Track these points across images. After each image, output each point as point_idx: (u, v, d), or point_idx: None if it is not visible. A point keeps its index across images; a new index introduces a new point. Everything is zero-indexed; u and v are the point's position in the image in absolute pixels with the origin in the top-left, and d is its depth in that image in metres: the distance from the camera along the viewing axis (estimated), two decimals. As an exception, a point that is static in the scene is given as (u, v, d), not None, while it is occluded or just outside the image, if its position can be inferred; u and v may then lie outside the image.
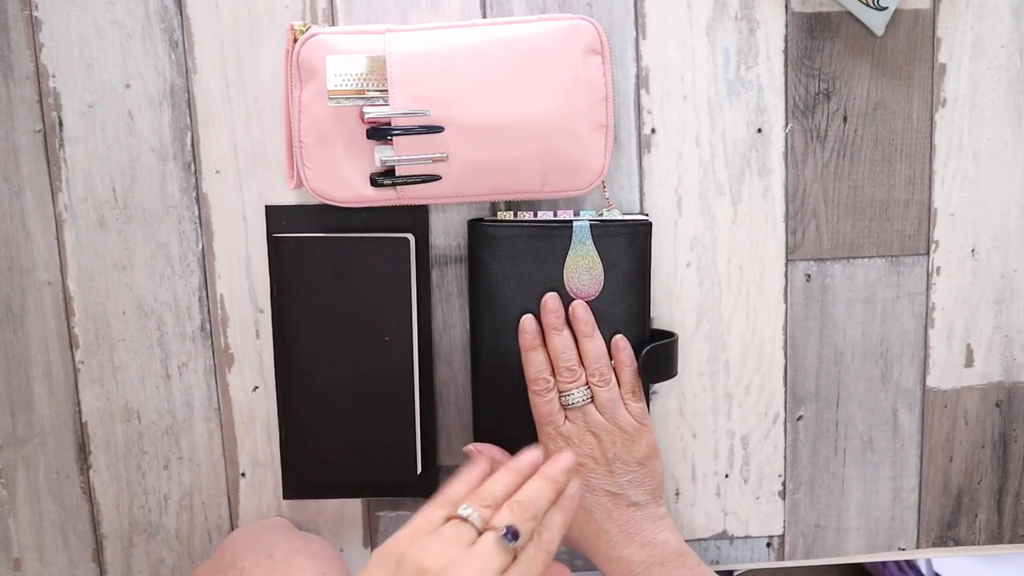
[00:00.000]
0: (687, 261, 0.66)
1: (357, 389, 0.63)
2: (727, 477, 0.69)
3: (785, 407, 0.69)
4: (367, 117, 0.58)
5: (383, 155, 0.59)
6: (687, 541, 0.64)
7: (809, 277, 0.67)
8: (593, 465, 0.60)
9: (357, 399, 0.63)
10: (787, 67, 0.65)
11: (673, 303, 0.67)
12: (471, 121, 0.58)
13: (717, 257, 0.66)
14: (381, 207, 0.62)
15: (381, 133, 0.59)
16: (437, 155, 0.59)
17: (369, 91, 0.58)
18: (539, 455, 0.53)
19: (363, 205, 0.61)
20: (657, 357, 0.62)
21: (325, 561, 0.61)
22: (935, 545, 0.71)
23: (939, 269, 0.68)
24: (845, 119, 0.65)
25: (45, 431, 0.66)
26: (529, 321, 0.61)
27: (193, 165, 0.64)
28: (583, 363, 0.61)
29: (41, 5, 0.62)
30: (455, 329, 0.66)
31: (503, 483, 0.50)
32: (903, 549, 0.71)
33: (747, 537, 0.70)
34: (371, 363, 0.63)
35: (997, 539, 0.71)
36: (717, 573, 0.64)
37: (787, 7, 0.64)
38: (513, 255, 0.61)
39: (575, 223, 0.61)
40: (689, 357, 0.68)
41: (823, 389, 0.69)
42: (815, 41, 0.64)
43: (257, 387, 0.66)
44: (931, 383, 0.69)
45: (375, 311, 0.62)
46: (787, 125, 0.65)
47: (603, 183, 0.63)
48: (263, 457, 0.67)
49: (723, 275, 0.67)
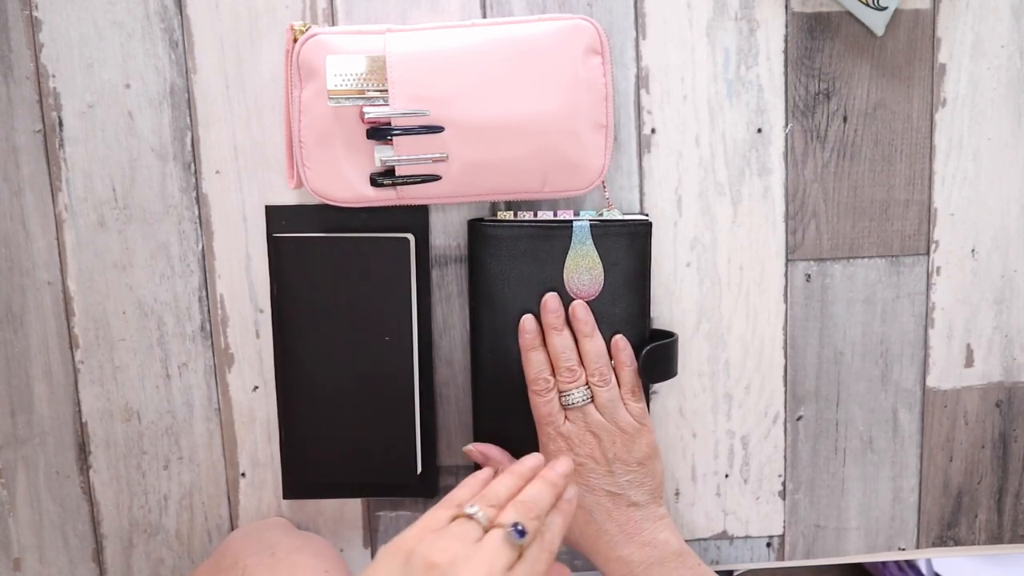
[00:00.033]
0: (687, 261, 0.66)
1: (357, 389, 0.63)
2: (727, 477, 0.69)
3: (785, 407, 0.69)
4: (367, 117, 0.58)
5: (383, 155, 0.59)
6: (687, 541, 0.64)
7: (809, 277, 0.67)
8: (593, 465, 0.60)
9: (357, 399, 0.63)
10: (787, 67, 0.65)
11: (673, 303, 0.67)
12: (471, 121, 0.58)
13: (717, 257, 0.66)
14: (381, 207, 0.62)
15: (381, 133, 0.59)
16: (437, 155, 0.59)
17: (369, 91, 0.58)
18: (540, 459, 0.54)
19: (363, 205, 0.61)
20: (657, 357, 0.62)
21: (327, 559, 0.61)
22: (935, 545, 0.71)
23: (939, 269, 0.68)
24: (845, 119, 0.65)
25: (45, 431, 0.66)
26: (529, 321, 0.61)
27: (193, 165, 0.64)
28: (583, 363, 0.61)
29: (41, 5, 0.62)
30: (455, 329, 0.66)
31: (506, 485, 0.50)
32: (903, 549, 0.71)
33: (747, 537, 0.70)
34: (371, 363, 0.63)
35: (997, 539, 0.71)
36: (717, 573, 0.64)
37: (787, 7, 0.64)
38: (513, 255, 0.61)
39: (575, 223, 0.61)
40: (689, 357, 0.68)
41: (823, 389, 0.69)
42: (815, 41, 0.64)
43: (257, 387, 0.66)
44: (931, 383, 0.69)
45: (375, 311, 0.62)
46: (787, 125, 0.65)
47: (603, 183, 0.63)
48: (263, 457, 0.67)
49: (723, 275, 0.67)
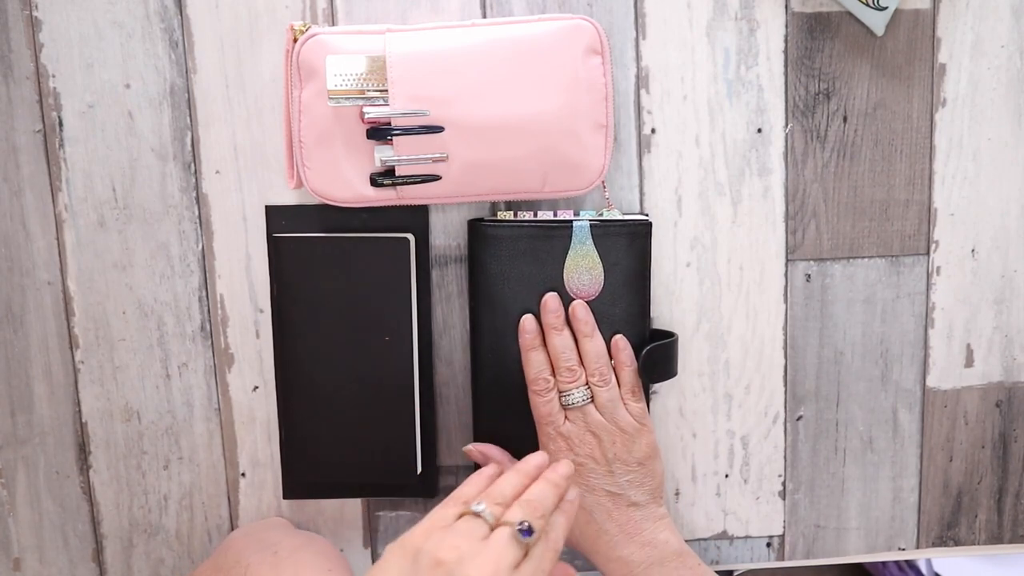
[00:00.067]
0: (687, 261, 0.66)
1: (357, 389, 0.63)
2: (727, 477, 0.69)
3: (785, 407, 0.69)
4: (367, 117, 0.58)
5: (383, 155, 0.59)
6: (687, 541, 0.64)
7: (809, 277, 0.67)
8: (593, 465, 0.60)
9: (357, 399, 0.63)
10: (787, 67, 0.65)
11: (673, 303, 0.67)
12: (471, 121, 0.58)
13: (717, 257, 0.66)
14: (381, 207, 0.62)
15: (381, 133, 0.59)
16: (437, 155, 0.59)
17: (369, 91, 0.58)
18: (545, 457, 0.54)
19: (363, 205, 0.61)
20: (657, 357, 0.62)
21: (329, 559, 0.61)
22: (935, 545, 0.71)
23: (939, 269, 0.68)
24: (845, 119, 0.65)
25: (45, 431, 0.66)
26: (529, 321, 0.61)
27: (193, 165, 0.64)
28: (583, 363, 0.61)
29: (41, 5, 0.62)
30: (455, 329, 0.66)
31: (512, 483, 0.51)
32: (903, 549, 0.71)
33: (747, 537, 0.70)
34: (371, 363, 0.63)
35: (997, 539, 0.71)
36: (717, 573, 0.64)
37: (787, 7, 0.64)
38: (513, 255, 0.61)
39: (575, 223, 0.61)
40: (689, 357, 0.67)
41: (823, 389, 0.69)
42: (815, 41, 0.64)
43: (257, 387, 0.66)
44: (931, 383, 0.69)
45: (375, 311, 0.62)
46: (787, 125, 0.65)
47: (603, 183, 0.63)
48: (263, 457, 0.67)
49: (723, 275, 0.67)
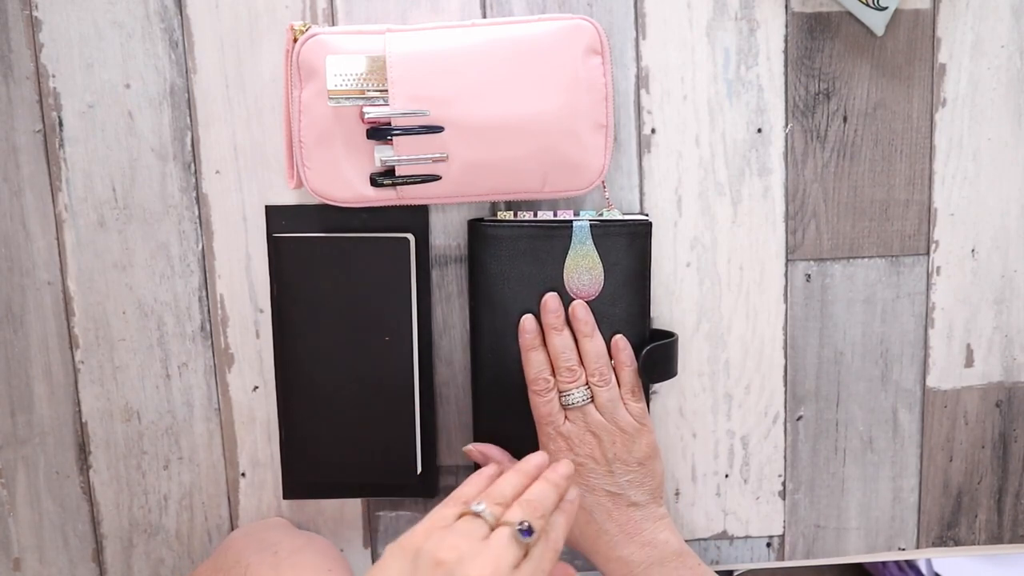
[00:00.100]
0: (687, 261, 0.66)
1: (357, 389, 0.63)
2: (727, 477, 0.69)
3: (785, 407, 0.69)
4: (367, 117, 0.58)
5: (383, 155, 0.59)
6: (687, 541, 0.64)
7: (809, 277, 0.67)
8: (593, 465, 0.60)
9: (357, 399, 0.63)
10: (787, 67, 0.65)
11: (673, 303, 0.67)
12: (471, 121, 0.58)
13: (717, 257, 0.66)
14: (381, 207, 0.62)
15: (381, 133, 0.59)
16: (437, 155, 0.59)
17: (369, 91, 0.58)
18: (545, 457, 0.54)
19: (363, 205, 0.61)
20: (657, 357, 0.62)
21: (330, 559, 0.61)
22: (935, 545, 0.71)
23: (939, 269, 0.68)
24: (845, 119, 0.65)
25: (45, 431, 0.66)
26: (529, 321, 0.61)
27: (193, 165, 0.64)
28: (583, 363, 0.61)
29: (41, 5, 0.62)
30: (455, 329, 0.66)
31: (512, 483, 0.51)
32: (903, 549, 0.71)
33: (747, 537, 0.70)
34: (371, 363, 0.63)
35: (997, 539, 0.71)
36: (717, 573, 0.64)
37: (787, 7, 0.64)
38: (513, 255, 0.61)
39: (575, 223, 0.61)
40: (689, 357, 0.67)
41: (823, 389, 0.69)
42: (815, 41, 0.64)
43: (257, 387, 0.66)
44: (931, 383, 0.69)
45: (375, 311, 0.62)
46: (787, 125, 0.65)
47: (603, 183, 0.63)
48: (263, 457, 0.67)
49: (723, 275, 0.67)
